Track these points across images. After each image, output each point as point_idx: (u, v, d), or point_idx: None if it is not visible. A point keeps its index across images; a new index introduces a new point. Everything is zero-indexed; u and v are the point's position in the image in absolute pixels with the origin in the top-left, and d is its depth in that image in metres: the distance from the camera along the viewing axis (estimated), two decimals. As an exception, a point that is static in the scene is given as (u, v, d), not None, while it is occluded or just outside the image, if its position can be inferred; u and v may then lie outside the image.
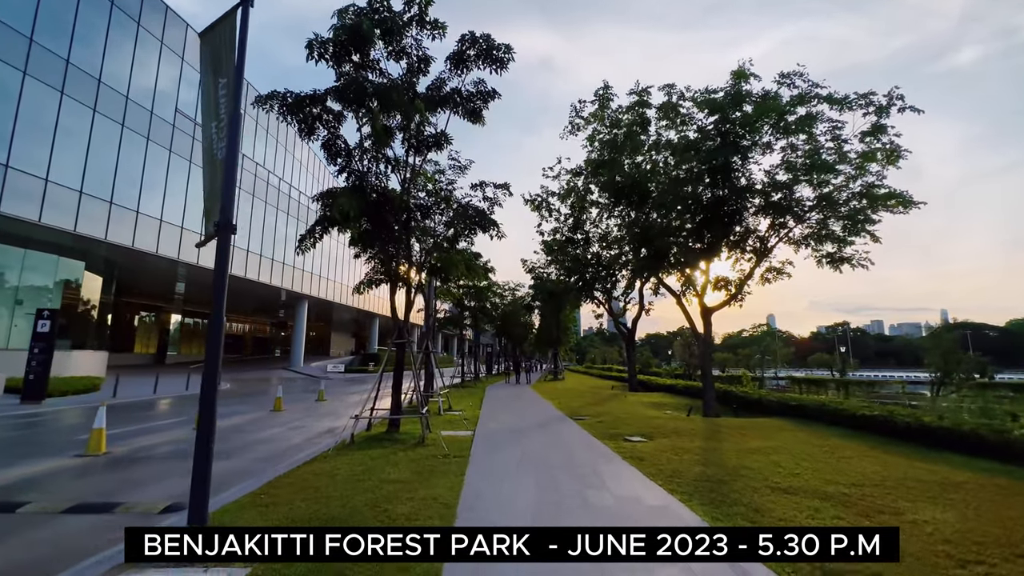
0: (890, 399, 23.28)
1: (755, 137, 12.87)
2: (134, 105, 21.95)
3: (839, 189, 12.35)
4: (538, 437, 8.86)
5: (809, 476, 5.89)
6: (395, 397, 8.57)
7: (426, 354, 13.29)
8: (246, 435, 9.29)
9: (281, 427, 10.47)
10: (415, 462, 6.55)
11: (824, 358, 48.79)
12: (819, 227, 13.57)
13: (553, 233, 26.56)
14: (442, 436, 8.70)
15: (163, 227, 24.06)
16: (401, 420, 9.04)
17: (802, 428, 9.96)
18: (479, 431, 9.47)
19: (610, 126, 14.91)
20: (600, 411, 13.26)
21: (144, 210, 22.83)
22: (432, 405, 13.19)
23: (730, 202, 12.86)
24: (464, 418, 11.55)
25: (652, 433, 9.25)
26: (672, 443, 8.16)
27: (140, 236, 22.50)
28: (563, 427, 10.27)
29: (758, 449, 7.61)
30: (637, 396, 18.86)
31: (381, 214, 8.70)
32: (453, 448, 7.59)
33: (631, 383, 23.14)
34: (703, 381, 13.62)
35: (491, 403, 15.37)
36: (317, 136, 9.07)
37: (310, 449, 7.76)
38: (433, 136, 8.65)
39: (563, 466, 6.43)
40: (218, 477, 6.03)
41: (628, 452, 7.39)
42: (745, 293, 13.77)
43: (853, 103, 12.38)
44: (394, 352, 8.62)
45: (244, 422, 11.08)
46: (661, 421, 10.98)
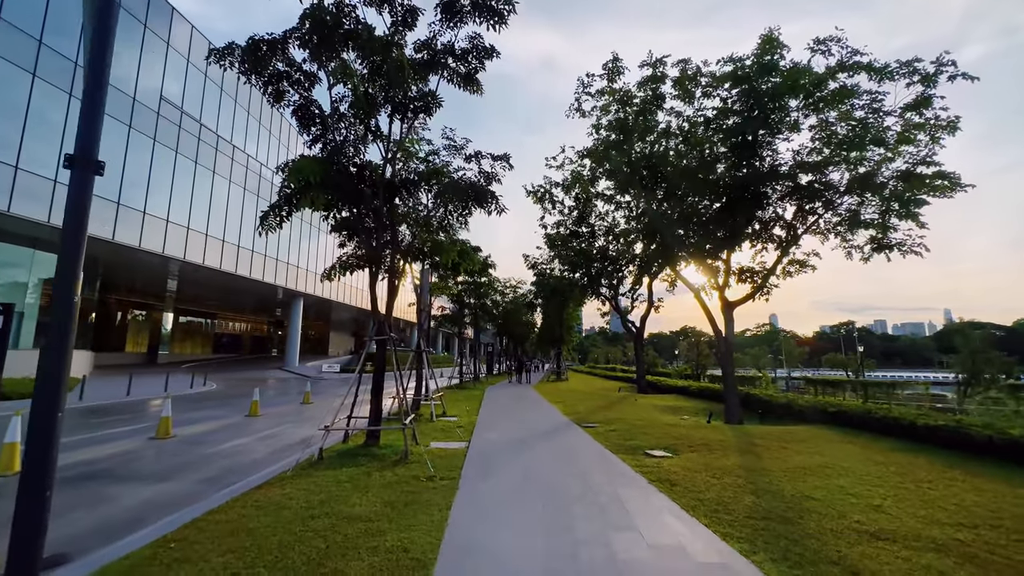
0: (913, 401, 21.91)
1: (781, 115, 11.54)
2: (115, 91, 20.70)
3: (880, 168, 10.99)
4: (543, 451, 7.56)
5: (896, 511, 4.56)
6: (375, 404, 7.27)
7: (418, 353, 12.01)
8: (204, 447, 8.02)
9: (250, 436, 9.19)
10: (391, 488, 5.25)
11: (838, 358, 47.28)
12: (850, 214, 12.25)
13: (557, 226, 25.27)
14: (430, 450, 7.40)
15: (146, 220, 22.83)
16: (385, 431, 7.73)
17: (846, 439, 8.63)
18: (474, 443, 8.17)
19: (620, 103, 13.57)
20: (611, 417, 11.95)
21: (126, 202, 21.61)
22: (424, 409, 11.90)
23: (756, 184, 11.53)
24: (459, 426, 10.26)
25: (676, 446, 7.93)
26: (703, 460, 6.84)
27: (122, 230, 21.28)
28: (571, 437, 8.96)
29: (810, 468, 6.28)
30: (648, 399, 17.54)
31: (358, 190, 7.41)
32: (441, 466, 6.30)
33: (639, 384, 21.81)
34: (724, 384, 12.29)
35: (490, 407, 14.07)
36: (287, 102, 7.81)
37: (271, 467, 6.48)
38: (419, 97, 7.34)
39: (576, 494, 5.12)
40: (137, 509, 4.77)
41: (653, 472, 6.08)
42: (771, 286, 12.45)
43: (895, 72, 11.03)
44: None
45: (210, 430, 9.81)
46: (682, 430, 9.65)
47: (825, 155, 11.53)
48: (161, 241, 23.57)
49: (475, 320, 29.78)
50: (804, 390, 28.15)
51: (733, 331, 12.54)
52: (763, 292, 12.43)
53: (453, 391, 20.14)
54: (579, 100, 13.86)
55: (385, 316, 7.39)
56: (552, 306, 33.56)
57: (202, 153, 26.29)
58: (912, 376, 35.73)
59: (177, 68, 24.58)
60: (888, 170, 11.08)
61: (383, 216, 7.52)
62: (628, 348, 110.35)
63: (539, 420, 11.44)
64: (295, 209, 7.19)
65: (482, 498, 4.93)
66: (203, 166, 26.37)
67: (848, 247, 13.30)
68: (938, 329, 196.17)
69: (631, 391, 22.24)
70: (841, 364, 44.50)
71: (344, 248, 9.00)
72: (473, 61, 7.73)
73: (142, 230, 22.54)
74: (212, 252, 26.99)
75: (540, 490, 5.25)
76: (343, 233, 8.64)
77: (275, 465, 6.54)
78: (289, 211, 7.37)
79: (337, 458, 6.67)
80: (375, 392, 7.26)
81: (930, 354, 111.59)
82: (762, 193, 11.59)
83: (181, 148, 24.68)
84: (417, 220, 7.80)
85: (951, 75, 10.54)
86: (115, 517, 4.49)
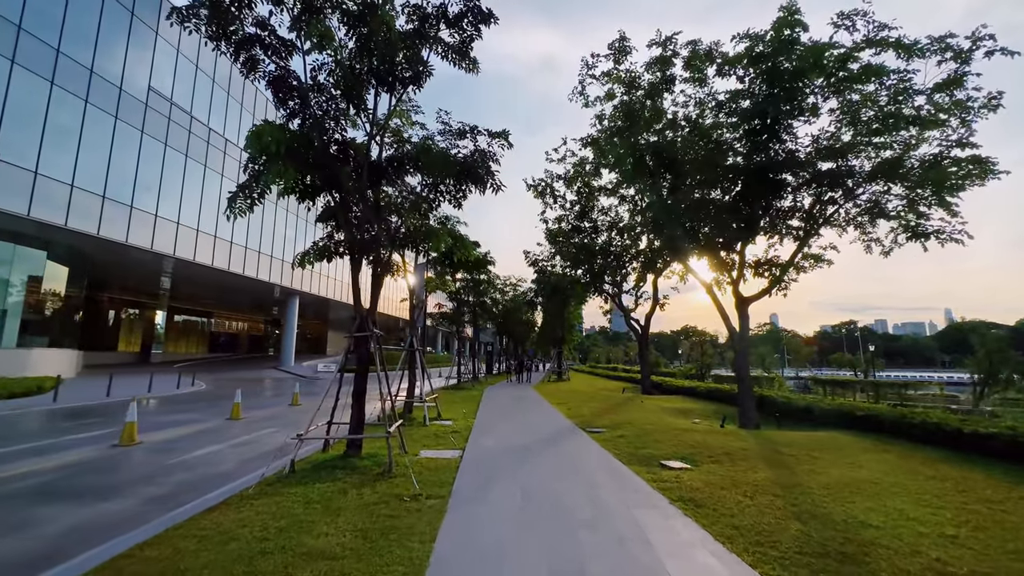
0: (927, 402, 21.09)
1: (804, 94, 10.71)
2: (98, 79, 19.91)
3: (908, 152, 10.15)
4: (545, 461, 6.75)
5: (979, 543, 3.75)
6: (356, 410, 6.46)
7: (411, 352, 11.22)
8: (169, 456, 7.21)
9: (225, 443, 8.39)
10: (367, 510, 4.44)
11: (845, 358, 46.39)
12: (871, 204, 11.44)
13: (558, 221, 24.46)
14: (419, 460, 6.59)
15: (134, 214, 22.01)
16: (371, 439, 6.92)
17: (880, 447, 7.81)
18: (469, 451, 7.36)
19: (627, 86, 12.73)
20: (617, 420, 11.14)
21: (112, 196, 20.79)
22: (417, 412, 11.10)
23: (774, 171, 10.70)
24: (454, 431, 9.45)
25: (694, 455, 7.11)
26: (728, 473, 6.03)
27: (107, 224, 20.47)
28: (576, 444, 8.15)
29: (854, 485, 5.46)
30: (654, 400, 16.72)
31: (338, 170, 6.60)
32: (429, 481, 5.49)
33: (644, 385, 21.00)
34: (739, 385, 11.47)
35: (489, 409, 13.26)
36: (262, 72, 7.00)
37: (235, 481, 5.67)
38: (407, 62, 6.51)
39: (585, 518, 4.31)
40: (58, 538, 3.88)
41: (674, 489, 5.26)
42: (789, 280, 11.62)
43: (925, 49, 10.20)
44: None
45: (183, 435, 9.01)
46: (697, 436, 8.83)
47: (848, 139, 10.70)
48: (149, 236, 22.77)
49: (474, 318, 28.98)
50: (812, 390, 27.34)
51: (748, 329, 11.72)
52: (781, 287, 11.62)
53: (450, 392, 19.34)
54: (583, 83, 13.04)
55: (368, 311, 6.57)
56: (553, 304, 32.76)
57: (192, 146, 25.49)
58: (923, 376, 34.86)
59: (166, 57, 23.77)
60: (916, 155, 10.24)
61: (366, 199, 6.70)
62: (630, 348, 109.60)
63: (540, 424, 10.64)
64: (266, 188, 6.38)
65: (474, 525, 4.12)
66: (194, 160, 25.57)
67: (867, 240, 12.51)
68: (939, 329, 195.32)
69: (635, 392, 21.43)
70: (848, 364, 43.61)
71: (332, 240, 8.19)
72: (468, 28, 6.92)
73: (129, 225, 21.73)
74: (203, 248, 26.19)
75: (543, 514, 4.44)
76: (331, 224, 7.86)
77: (241, 479, 5.73)
78: (261, 192, 6.55)
79: (311, 471, 5.86)
80: (356, 396, 6.45)
81: (932, 354, 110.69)
82: (780, 180, 10.77)
83: (170, 141, 23.89)
84: (405, 202, 6.96)
85: (988, 50, 9.70)
86: (24, 551, 3.68)
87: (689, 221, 11.50)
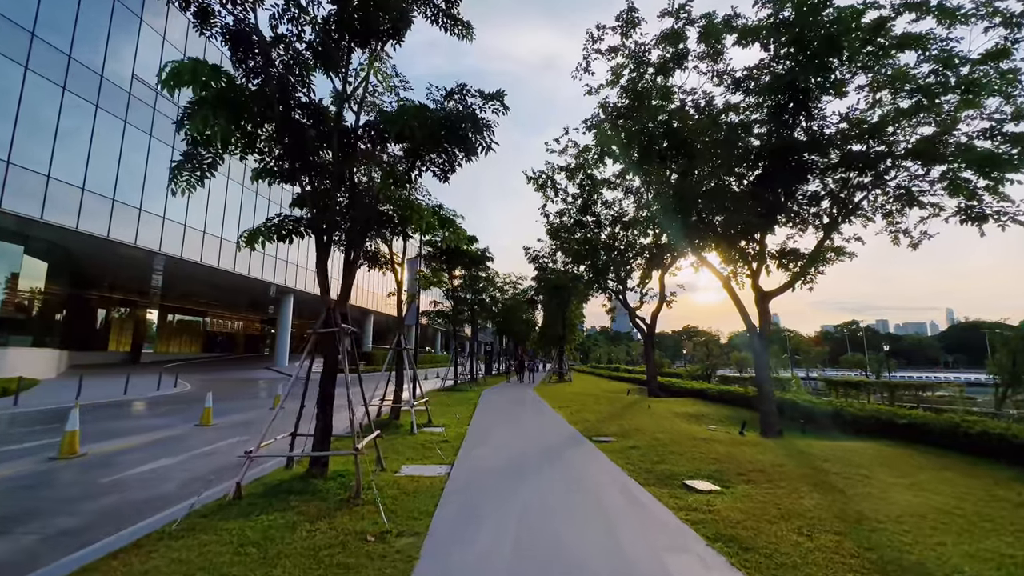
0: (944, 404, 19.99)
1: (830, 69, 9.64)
2: (78, 65, 18.89)
3: (956, 125, 9.08)
4: (547, 482, 5.69)
5: None
6: (321, 420, 5.41)
7: (398, 352, 10.18)
8: (108, 472, 6.17)
9: (182, 455, 7.35)
10: (314, 559, 3.39)
11: (856, 358, 45.19)
12: (901, 191, 10.40)
13: (559, 215, 23.42)
14: (398, 479, 5.54)
15: (116, 208, 21.00)
16: (336, 455, 5.86)
17: (933, 462, 6.76)
18: (459, 468, 6.31)
19: (635, 63, 11.67)
20: (626, 427, 10.09)
21: (93, 188, 19.78)
22: (404, 418, 10.05)
23: (802, 152, 9.63)
24: (444, 439, 8.41)
25: (721, 472, 6.05)
26: (769, 498, 4.97)
27: (88, 218, 19.46)
28: (582, 458, 7.10)
29: (932, 518, 4.39)
30: (663, 403, 15.65)
31: (302, 137, 5.56)
32: (404, 511, 4.44)
33: (650, 387, 19.91)
34: (759, 389, 10.41)
35: (485, 414, 12.21)
36: (215, 23, 5.96)
37: (168, 509, 4.63)
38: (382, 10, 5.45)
39: (602, 571, 3.26)
40: None
41: (708, 522, 4.20)
42: (816, 272, 10.55)
43: (971, 15, 9.14)
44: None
45: (137, 445, 7.97)
46: (718, 447, 7.77)
47: (884, 114, 9.63)
48: (133, 231, 21.77)
49: (472, 317, 27.93)
50: (821, 392, 26.25)
51: (769, 326, 10.65)
52: (805, 280, 10.56)
53: (445, 394, 18.30)
54: (587, 59, 11.97)
55: (337, 302, 5.52)
56: (554, 303, 31.72)
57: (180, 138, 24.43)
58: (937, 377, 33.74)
59: (151, 44, 22.76)
60: (963, 130, 9.16)
61: (338, 171, 5.65)
62: (632, 348, 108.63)
63: (541, 431, 9.59)
64: (216, 156, 5.33)
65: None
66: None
67: (895, 231, 11.48)
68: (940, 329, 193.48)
69: (641, 394, 20.36)
70: (859, 364, 42.42)
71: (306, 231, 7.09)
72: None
73: (111, 219, 20.72)
74: (192, 244, 25.19)
75: (543, 563, 3.39)
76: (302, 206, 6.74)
77: (178, 505, 4.68)
78: (211, 163, 5.51)
79: (261, 497, 4.81)
80: (322, 403, 5.40)
81: (935, 354, 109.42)
82: (807, 162, 9.70)
83: (156, 132, 22.88)
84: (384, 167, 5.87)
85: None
86: None
87: (704, 208, 10.44)
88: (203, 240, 26.27)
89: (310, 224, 5.65)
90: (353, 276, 5.68)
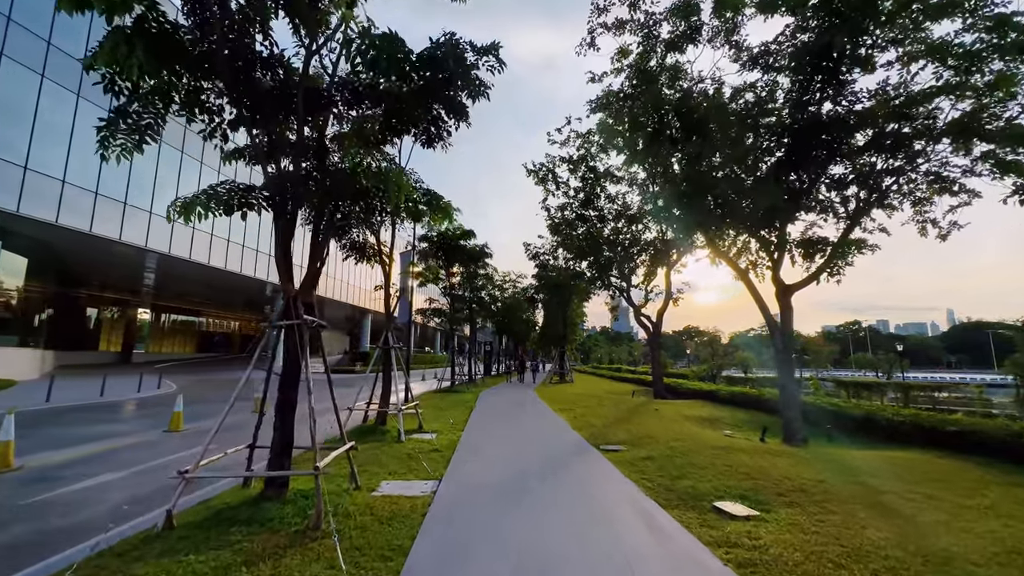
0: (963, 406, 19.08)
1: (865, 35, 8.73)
2: (57, 52, 17.98)
3: (1005, 100, 8.16)
4: (550, 505, 4.78)
5: None
6: (280, 431, 4.50)
7: (385, 351, 9.28)
8: (37, 491, 5.26)
9: (134, 467, 6.44)
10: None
11: (867, 358, 44.13)
12: (931, 175, 9.53)
13: (561, 210, 22.54)
14: (371, 503, 4.63)
15: (99, 201, 20.10)
16: (292, 475, 4.95)
17: (999, 478, 5.84)
18: (447, 483, 5.40)
19: (644, 37, 10.76)
20: (636, 433, 9.16)
21: (73, 180, 18.88)
22: (392, 423, 9.13)
23: (830, 129, 8.73)
24: (434, 448, 7.51)
25: (754, 489, 5.14)
26: (822, 527, 4.05)
27: (68, 212, 18.57)
28: (591, 471, 6.18)
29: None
30: (671, 406, 14.74)
31: (260, 94, 4.65)
32: (373, 548, 3.54)
33: (656, 388, 18.99)
34: (782, 391, 9.49)
35: (481, 418, 11.30)
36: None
37: (82, 543, 3.73)
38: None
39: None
40: None
41: (758, 566, 3.28)
42: (845, 264, 9.64)
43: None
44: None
45: (87, 456, 7.06)
46: (743, 457, 6.85)
47: (921, 89, 8.72)
48: (118, 226, 20.87)
49: (470, 316, 27.03)
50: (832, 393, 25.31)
51: (792, 323, 9.73)
52: (832, 272, 9.64)
53: (441, 396, 17.38)
54: (592, 35, 11.06)
55: (301, 290, 4.61)
56: (555, 301, 30.82)
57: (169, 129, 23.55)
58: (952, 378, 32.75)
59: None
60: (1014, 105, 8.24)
61: (302, 133, 4.73)
62: (634, 348, 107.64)
63: (543, 438, 8.67)
64: (156, 114, 4.42)
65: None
66: (168, 144, 23.66)
67: (923, 220, 10.60)
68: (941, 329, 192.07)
69: (646, 395, 19.42)
70: (870, 364, 41.34)
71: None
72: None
73: (93, 213, 19.83)
74: (181, 241, 24.28)
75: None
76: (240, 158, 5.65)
77: (99, 536, 3.78)
78: (152, 123, 4.59)
79: (199, 527, 3.89)
80: (281, 411, 4.48)
81: (938, 354, 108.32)
82: (837, 141, 8.79)
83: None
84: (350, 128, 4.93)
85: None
86: None
87: (721, 194, 9.52)
88: (192, 236, 25.36)
89: (267, 195, 4.71)
90: (320, 258, 4.77)
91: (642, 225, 20.48)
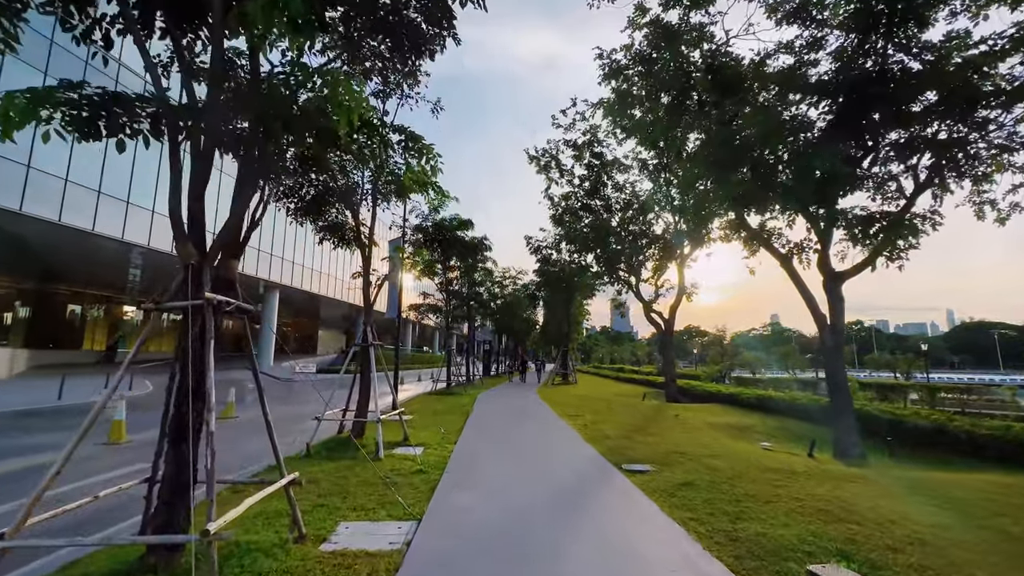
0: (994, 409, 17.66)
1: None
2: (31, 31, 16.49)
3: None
4: (568, 570, 3.32)
5: None
6: (173, 468, 3.03)
7: (364, 350, 7.83)
8: None
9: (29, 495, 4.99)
10: None
11: (886, 358, 42.52)
12: (992, 147, 8.16)
13: (565, 199, 21.12)
14: (323, 557, 3.17)
15: (69, 189, 18.69)
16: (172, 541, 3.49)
17: None
18: (426, 529, 3.94)
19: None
20: (661, 446, 7.70)
21: (39, 166, 17.47)
22: (370, 434, 7.67)
23: (899, 87, 7.26)
24: (418, 468, 6.06)
25: (855, 543, 3.68)
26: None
27: (32, 199, 17.18)
28: (618, 509, 4.72)
29: None
30: (690, 411, 13.28)
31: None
32: None
33: (669, 390, 17.53)
34: (834, 397, 8.03)
35: (478, 427, 9.84)
36: None
37: None
38: None
39: None
40: None
41: None
42: (907, 246, 8.17)
43: None
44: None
45: (2, 474, 5.62)
46: (808, 484, 5.39)
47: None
48: (91, 216, 19.45)
49: (468, 313, 25.58)
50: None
51: (843, 316, 8.26)
52: (894, 257, 8.16)
53: (435, 398, 15.93)
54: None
55: (210, 258, 3.16)
56: (557, 298, 29.39)
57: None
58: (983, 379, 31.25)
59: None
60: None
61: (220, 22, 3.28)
62: (636, 347, 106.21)
63: (550, 455, 7.22)
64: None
65: None
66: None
67: (981, 201, 9.24)
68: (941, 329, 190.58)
69: (658, 398, 17.97)
70: (887, 365, 39.75)
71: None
72: None
73: (62, 202, 18.42)
74: (162, 233, 22.84)
75: None
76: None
77: None
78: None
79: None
80: (175, 437, 3.03)
81: (941, 354, 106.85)
82: (902, 99, 7.33)
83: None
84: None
85: None
86: None
87: (759, 161, 8.04)
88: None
89: (152, 111, 3.23)
90: (245, 207, 3.31)
91: (652, 215, 19.10)
